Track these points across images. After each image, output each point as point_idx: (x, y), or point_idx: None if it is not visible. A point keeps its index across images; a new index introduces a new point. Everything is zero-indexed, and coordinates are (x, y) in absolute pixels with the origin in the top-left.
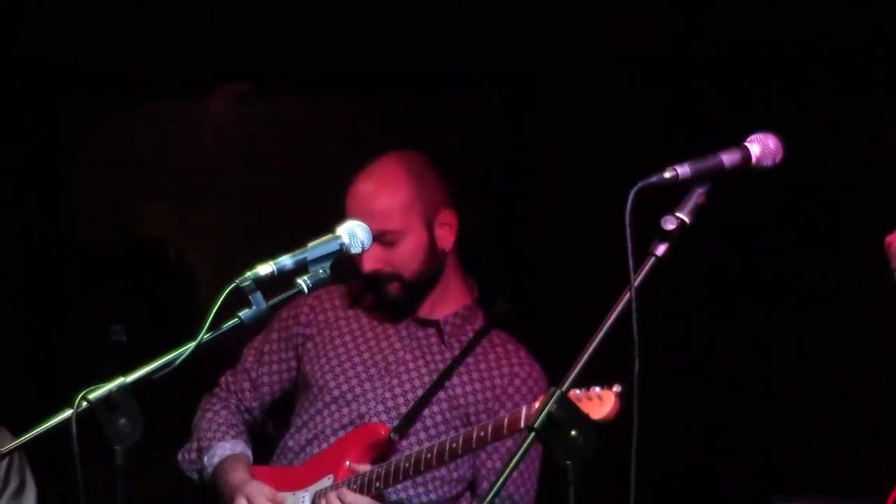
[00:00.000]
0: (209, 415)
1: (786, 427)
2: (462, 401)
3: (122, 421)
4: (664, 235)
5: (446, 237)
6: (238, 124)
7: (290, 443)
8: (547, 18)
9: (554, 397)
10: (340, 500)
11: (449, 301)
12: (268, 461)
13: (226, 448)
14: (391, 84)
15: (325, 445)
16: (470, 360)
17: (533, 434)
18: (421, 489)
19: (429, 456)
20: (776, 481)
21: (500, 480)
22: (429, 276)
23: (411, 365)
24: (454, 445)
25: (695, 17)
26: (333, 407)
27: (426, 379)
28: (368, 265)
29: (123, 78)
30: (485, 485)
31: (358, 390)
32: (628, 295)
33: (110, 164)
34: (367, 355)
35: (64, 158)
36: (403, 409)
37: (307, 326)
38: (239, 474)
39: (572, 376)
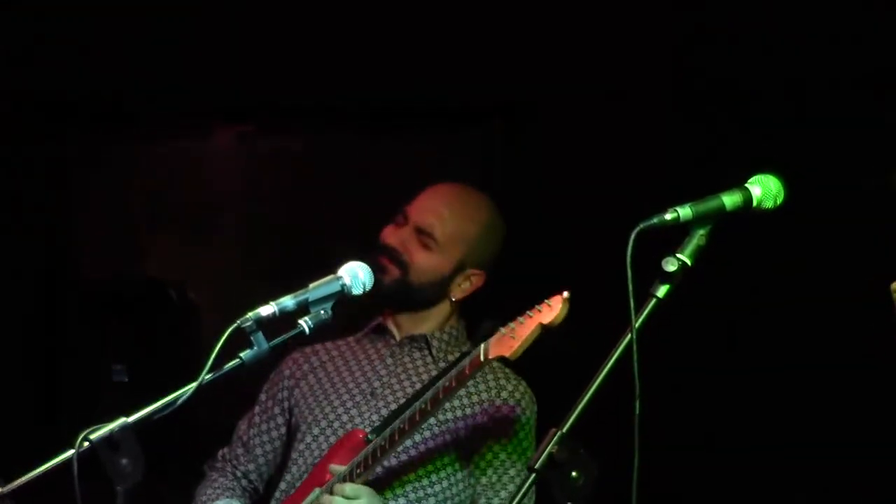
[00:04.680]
0: (206, 482)
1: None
2: (450, 415)
3: (124, 461)
4: (665, 277)
5: (462, 291)
6: (240, 163)
7: (284, 483)
8: (548, 54)
9: (555, 438)
10: (331, 495)
11: (433, 319)
12: None
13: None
14: (393, 121)
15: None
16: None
17: (534, 476)
18: None
19: (402, 426)
20: None
21: None
22: (424, 297)
23: (397, 387)
24: (423, 406)
25: (696, 54)
26: (321, 438)
27: (412, 398)
28: (392, 238)
29: (128, 116)
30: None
31: (345, 417)
32: (629, 336)
33: (114, 202)
34: (352, 384)
35: (68, 196)
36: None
37: (290, 378)
38: None
39: (573, 417)
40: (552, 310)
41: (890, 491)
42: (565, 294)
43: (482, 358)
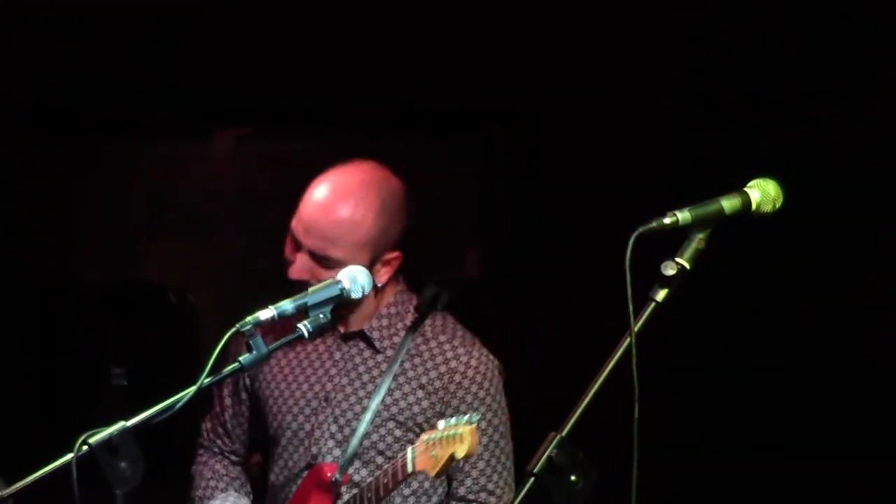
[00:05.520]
0: (199, 468)
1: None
2: (408, 414)
3: (123, 464)
4: (664, 281)
5: (383, 275)
6: (240, 165)
7: (271, 482)
8: (548, 62)
9: (554, 442)
10: None
11: (366, 308)
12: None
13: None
14: (391, 126)
15: (294, 488)
16: (406, 364)
17: (532, 479)
18: None
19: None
20: None
21: None
22: (350, 301)
23: (349, 389)
24: (370, 495)
25: (694, 60)
26: (290, 448)
27: (365, 402)
28: (294, 271)
29: (127, 121)
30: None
31: (307, 427)
32: (628, 340)
33: (114, 203)
34: (305, 387)
35: (68, 196)
36: (349, 437)
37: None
38: None
39: (572, 421)
40: (464, 443)
41: (890, 491)
42: (473, 423)
43: (409, 469)
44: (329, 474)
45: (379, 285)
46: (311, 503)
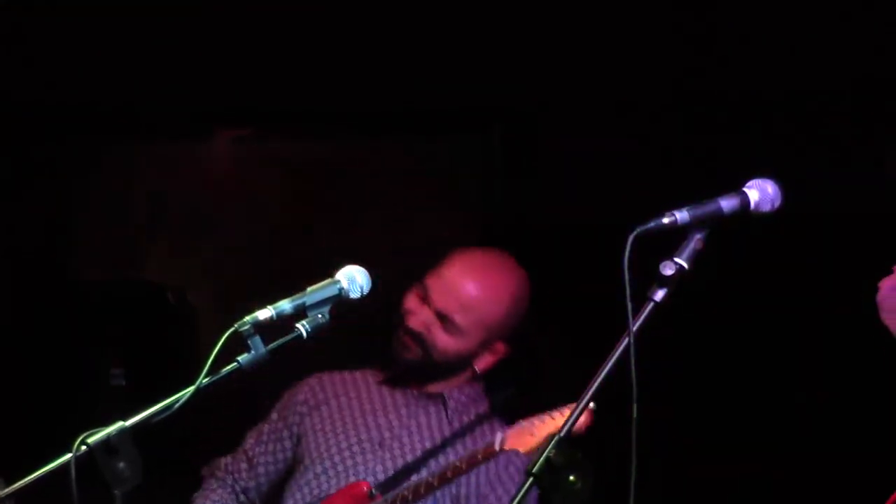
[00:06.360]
0: (206, 491)
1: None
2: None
3: (122, 465)
4: (663, 281)
5: (486, 361)
6: (238, 167)
7: None
8: (548, 61)
9: (552, 443)
10: None
11: (454, 380)
12: None
13: None
14: (391, 125)
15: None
16: (468, 439)
17: (531, 479)
18: None
19: (406, 493)
20: None
21: None
22: (445, 370)
23: (406, 440)
24: (430, 480)
25: (694, 60)
26: (323, 478)
27: (419, 454)
28: (415, 321)
29: (126, 120)
30: None
31: (349, 462)
32: (626, 340)
33: (114, 204)
34: (363, 430)
35: (68, 196)
36: (392, 484)
37: (304, 405)
38: None
39: (571, 421)
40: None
41: (890, 491)
42: (592, 406)
43: (497, 447)
44: (366, 488)
45: (477, 370)
46: None
